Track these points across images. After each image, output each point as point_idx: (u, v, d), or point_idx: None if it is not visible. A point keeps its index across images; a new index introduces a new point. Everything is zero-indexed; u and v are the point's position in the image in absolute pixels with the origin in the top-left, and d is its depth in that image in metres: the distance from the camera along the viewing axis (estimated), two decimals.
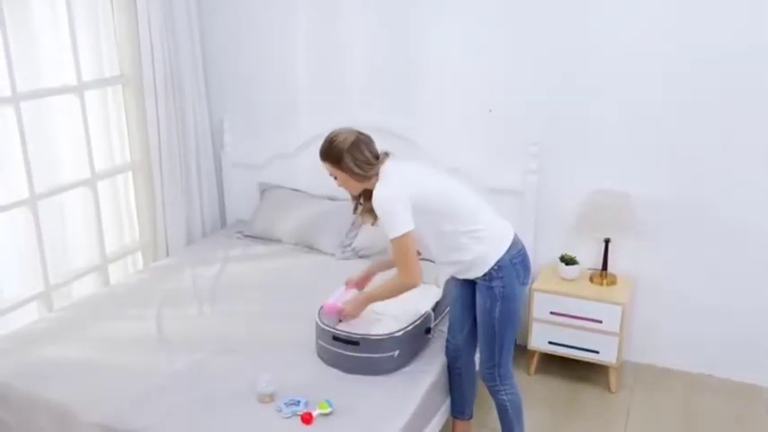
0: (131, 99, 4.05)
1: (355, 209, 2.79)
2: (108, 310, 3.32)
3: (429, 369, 2.82)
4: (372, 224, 2.74)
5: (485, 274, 2.65)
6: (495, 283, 2.65)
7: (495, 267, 2.63)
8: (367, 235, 3.89)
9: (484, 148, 3.83)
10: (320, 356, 2.82)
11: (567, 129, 3.67)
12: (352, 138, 2.59)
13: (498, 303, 2.66)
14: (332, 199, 4.17)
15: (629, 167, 3.60)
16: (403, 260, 2.56)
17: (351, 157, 2.57)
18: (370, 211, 2.67)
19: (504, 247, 2.65)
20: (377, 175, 2.59)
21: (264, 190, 4.41)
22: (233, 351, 2.89)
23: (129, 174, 4.19)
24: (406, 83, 3.93)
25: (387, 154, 2.65)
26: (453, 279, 2.87)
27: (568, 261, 3.67)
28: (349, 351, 2.69)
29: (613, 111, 3.56)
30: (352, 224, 4.03)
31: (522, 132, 3.73)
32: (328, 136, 2.63)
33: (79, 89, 3.70)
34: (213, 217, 4.58)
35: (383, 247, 3.79)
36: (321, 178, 4.18)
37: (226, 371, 2.75)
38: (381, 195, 2.53)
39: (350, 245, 3.94)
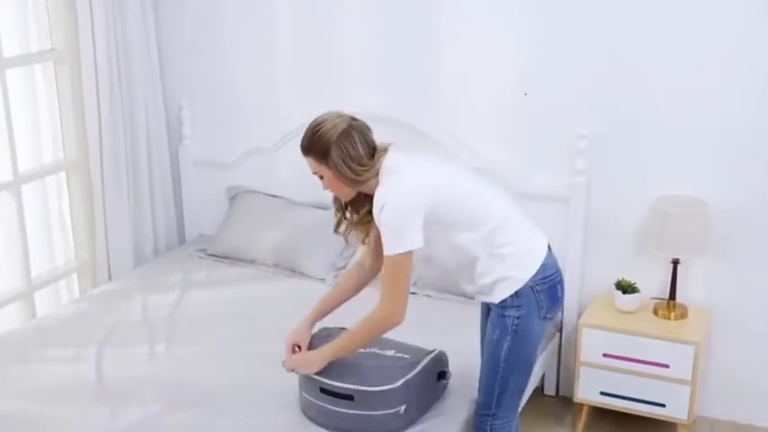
0: (65, 80, 4.06)
1: (338, 224, 2.77)
2: (34, 349, 3.31)
3: (447, 426, 2.80)
4: (363, 241, 2.75)
5: (500, 301, 2.68)
6: (508, 313, 2.68)
7: (513, 294, 2.66)
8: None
9: (517, 141, 3.83)
10: (305, 413, 2.80)
11: (623, 118, 3.67)
12: (342, 125, 2.55)
13: (508, 338, 2.69)
14: (322, 207, 4.17)
15: (704, 168, 3.59)
16: (393, 284, 2.55)
17: (339, 151, 2.53)
18: (363, 224, 2.69)
19: (531, 270, 2.67)
20: (376, 176, 2.59)
21: (234, 196, 4.42)
22: (193, 404, 2.88)
23: (62, 175, 4.19)
24: (417, 58, 3.94)
25: (385, 148, 2.62)
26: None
27: (626, 288, 3.66)
28: (341, 407, 2.68)
29: (684, 95, 3.55)
30: (348, 240, 4.03)
31: (566, 122, 3.72)
32: (312, 123, 2.60)
33: None
34: (169, 231, 4.58)
35: None
36: (308, 181, 4.20)
37: (184, 429, 2.73)
38: (390, 197, 2.50)
39: (344, 267, 3.94)
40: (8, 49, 3.77)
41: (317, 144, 2.55)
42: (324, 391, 2.69)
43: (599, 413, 3.80)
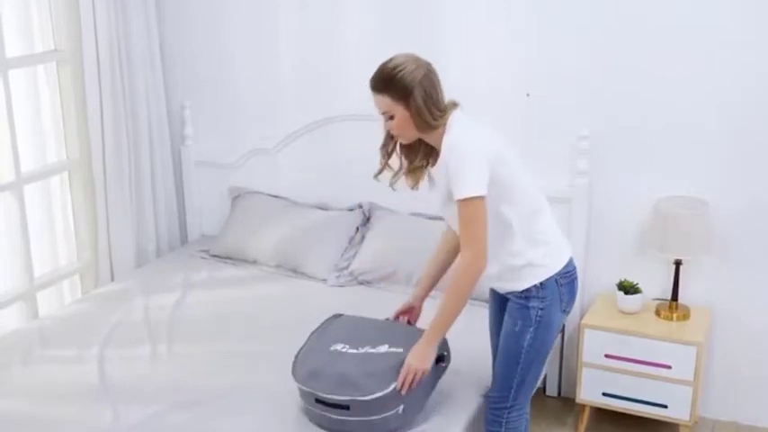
0: (68, 80, 4.08)
1: (380, 171, 2.75)
2: (36, 350, 3.32)
3: (450, 424, 2.80)
4: (412, 187, 2.74)
5: (523, 290, 2.70)
6: (532, 304, 2.71)
7: (538, 284, 2.69)
8: (369, 255, 3.91)
9: (519, 142, 3.77)
10: (306, 415, 2.80)
11: (625, 119, 3.69)
12: (423, 69, 2.59)
13: (531, 329, 2.72)
14: (323, 208, 4.19)
15: (705, 169, 3.61)
16: (470, 230, 2.52)
17: (423, 92, 2.56)
18: (414, 171, 2.69)
19: (562, 262, 2.73)
20: (444, 125, 2.60)
21: (237, 196, 4.43)
22: (195, 404, 2.89)
23: (65, 175, 4.21)
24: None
25: (455, 104, 2.67)
26: (490, 290, 2.93)
27: (628, 289, 3.67)
28: (339, 415, 2.68)
29: (685, 96, 3.57)
30: (350, 240, 4.05)
31: (568, 123, 3.74)
32: (388, 63, 2.62)
33: (1, 66, 3.72)
34: (171, 231, 4.60)
35: (390, 270, 3.81)
36: (309, 181, 4.28)
37: (186, 429, 2.75)
38: (462, 138, 2.53)
39: (346, 267, 3.95)
40: (11, 49, 3.79)
41: (399, 83, 2.57)
42: (319, 401, 2.69)
43: (601, 414, 3.81)
